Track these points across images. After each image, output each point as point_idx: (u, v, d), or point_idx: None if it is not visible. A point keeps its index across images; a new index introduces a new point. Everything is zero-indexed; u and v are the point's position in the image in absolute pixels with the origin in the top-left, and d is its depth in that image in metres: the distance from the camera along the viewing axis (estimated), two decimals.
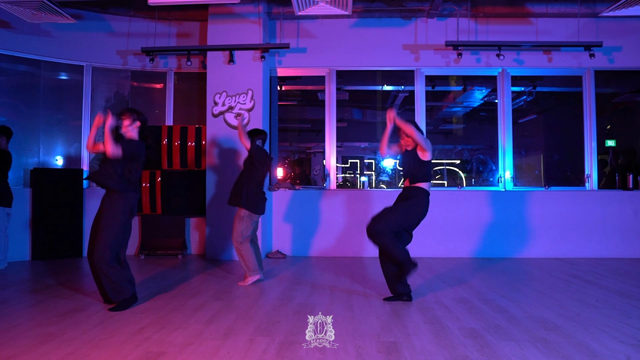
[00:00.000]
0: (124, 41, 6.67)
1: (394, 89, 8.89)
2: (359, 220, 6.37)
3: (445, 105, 10.01)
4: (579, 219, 6.41)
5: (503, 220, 6.41)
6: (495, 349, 2.91)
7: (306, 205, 6.51)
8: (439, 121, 11.41)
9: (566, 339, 3.10)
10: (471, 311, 3.79)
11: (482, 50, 6.51)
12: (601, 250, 6.38)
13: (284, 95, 9.88)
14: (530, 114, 10.26)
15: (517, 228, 6.40)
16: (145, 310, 3.77)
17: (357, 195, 6.59)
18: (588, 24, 6.49)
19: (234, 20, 6.28)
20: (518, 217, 6.42)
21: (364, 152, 13.72)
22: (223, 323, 3.45)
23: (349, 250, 6.44)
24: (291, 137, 12.63)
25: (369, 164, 13.98)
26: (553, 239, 6.40)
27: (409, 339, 3.10)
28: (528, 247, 6.33)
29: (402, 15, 6.56)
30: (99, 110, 6.73)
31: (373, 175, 13.88)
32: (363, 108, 11.18)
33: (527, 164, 10.96)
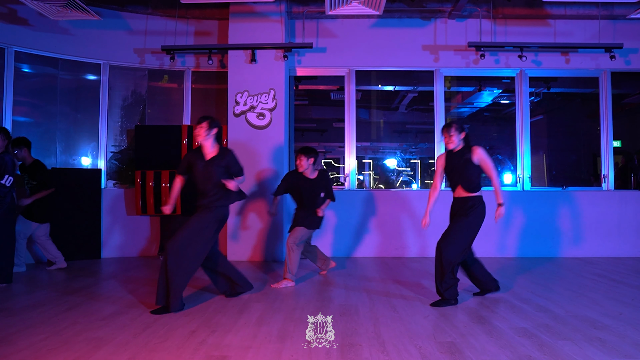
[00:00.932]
0: (142, 39, 6.58)
1: (404, 89, 8.90)
2: (384, 221, 6.39)
3: (454, 105, 10.06)
4: (596, 219, 6.49)
5: (522, 220, 6.46)
6: (553, 349, 2.92)
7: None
8: (444, 121, 11.47)
9: (620, 339, 3.13)
10: (514, 310, 3.81)
11: (500, 52, 6.56)
12: (618, 249, 6.47)
13: (296, 95, 9.86)
14: (537, 115, 10.36)
15: (536, 228, 6.45)
16: (189, 313, 3.72)
17: (369, 196, 6.59)
18: (606, 25, 6.56)
19: (256, 19, 6.24)
20: (536, 217, 6.47)
21: (365, 151, 13.75)
22: (272, 325, 3.41)
23: (369, 250, 6.44)
24: (295, 137, 12.60)
25: (367, 164, 14.01)
26: (571, 239, 6.47)
27: (465, 339, 3.10)
28: (548, 247, 6.38)
29: (422, 16, 6.58)
30: (116, 110, 6.65)
31: (371, 175, 13.92)
32: (370, 108, 11.19)
33: (536, 164, 11.05)
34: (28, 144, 5.35)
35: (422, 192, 6.74)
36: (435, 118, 6.70)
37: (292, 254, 4.69)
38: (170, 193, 4.02)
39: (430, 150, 13.55)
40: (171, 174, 6.27)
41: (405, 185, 10.88)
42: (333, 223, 6.47)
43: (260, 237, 6.19)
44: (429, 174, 13.43)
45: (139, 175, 6.25)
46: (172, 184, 4.12)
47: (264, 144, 6.16)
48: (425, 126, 12.03)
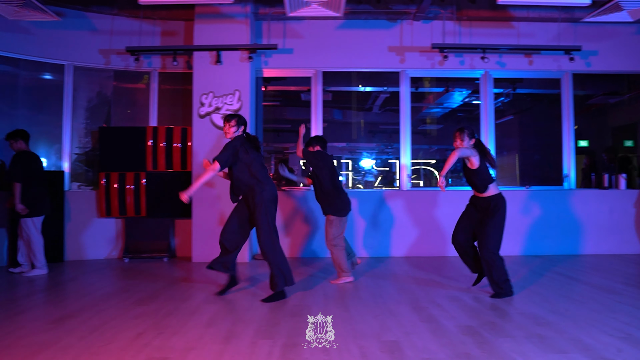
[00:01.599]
0: (107, 40, 6.53)
1: (376, 90, 8.96)
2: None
3: (425, 106, 10.17)
4: (558, 218, 6.60)
5: None
6: (494, 346, 2.99)
7: (294, 205, 6.51)
8: (417, 122, 11.57)
9: (559, 334, 3.21)
10: (465, 309, 3.87)
11: (465, 53, 6.64)
12: (579, 247, 6.60)
13: (267, 96, 9.86)
14: (507, 115, 10.51)
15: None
16: (139, 316, 3.71)
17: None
18: (567, 28, 6.69)
19: (221, 20, 6.23)
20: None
21: (342, 152, 13.81)
22: (221, 326, 3.43)
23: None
24: (268, 137, 12.60)
25: (345, 164, 14.08)
26: (533, 237, 6.58)
27: (409, 338, 3.15)
28: (509, 245, 6.44)
29: (388, 18, 6.63)
30: (81, 111, 6.59)
31: (350, 175, 13.98)
32: (343, 109, 11.25)
33: (506, 164, 11.22)
34: (26, 137, 5.31)
35: (396, 192, 6.80)
36: (401, 119, 6.77)
37: (334, 253, 4.81)
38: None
39: (412, 152, 13.72)
40: (136, 176, 6.24)
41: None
42: (299, 224, 6.50)
43: None
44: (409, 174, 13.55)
45: (103, 177, 6.20)
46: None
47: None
48: (398, 127, 12.15)
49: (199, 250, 6.16)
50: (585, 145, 10.29)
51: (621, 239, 6.64)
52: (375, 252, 6.52)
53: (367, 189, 9.37)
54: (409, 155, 6.73)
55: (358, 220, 6.52)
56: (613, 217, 6.65)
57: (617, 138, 9.84)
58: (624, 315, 3.65)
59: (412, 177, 13.46)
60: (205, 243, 6.14)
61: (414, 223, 6.56)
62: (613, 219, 6.65)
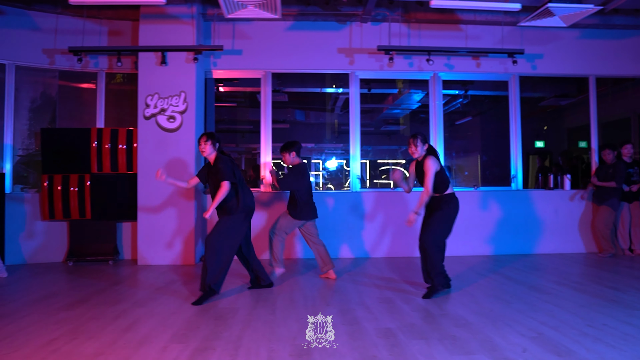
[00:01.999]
0: (52, 39, 6.41)
1: (334, 91, 8.99)
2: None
3: (385, 107, 10.23)
4: (505, 218, 6.72)
5: None
6: (405, 348, 3.02)
7: None
8: (380, 122, 11.64)
9: (473, 335, 3.26)
10: (391, 311, 3.90)
11: (414, 55, 6.70)
12: (525, 246, 6.72)
13: (226, 97, 9.80)
14: (467, 117, 10.66)
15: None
16: (61, 321, 3.66)
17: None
18: (513, 32, 6.80)
19: (167, 20, 6.17)
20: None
21: (311, 152, 13.83)
22: (140, 331, 3.39)
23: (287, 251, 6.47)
24: (236, 139, 12.55)
25: (315, 165, 14.10)
26: (482, 238, 6.68)
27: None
28: (459, 246, 6.55)
29: (337, 19, 6.66)
30: (24, 112, 6.45)
31: (320, 176, 14.02)
32: (306, 109, 11.25)
33: (459, 165, 11.37)
34: None
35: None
36: (350, 119, 6.79)
37: (274, 243, 5.05)
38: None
39: (375, 153, 13.81)
40: (80, 178, 6.14)
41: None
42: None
43: (175, 240, 6.12)
44: (377, 174, 13.65)
45: (46, 179, 6.09)
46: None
47: (175, 146, 6.11)
48: (362, 128, 12.21)
49: (143, 253, 6.09)
50: (542, 147, 10.51)
51: (566, 238, 6.79)
52: (335, 254, 6.54)
53: (337, 190, 9.39)
54: (358, 156, 6.75)
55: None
56: (558, 217, 6.80)
57: (572, 139, 10.06)
58: (543, 315, 3.73)
59: (382, 177, 13.58)
60: (149, 246, 6.08)
61: (374, 224, 6.60)
62: (558, 218, 6.80)
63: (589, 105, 7.11)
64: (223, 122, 11.53)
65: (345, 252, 6.56)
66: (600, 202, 6.52)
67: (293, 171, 5.02)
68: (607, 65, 7.01)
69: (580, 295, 4.37)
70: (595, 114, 7.10)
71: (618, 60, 7.02)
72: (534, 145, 10.43)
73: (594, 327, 3.42)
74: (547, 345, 3.05)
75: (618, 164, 6.39)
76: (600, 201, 6.52)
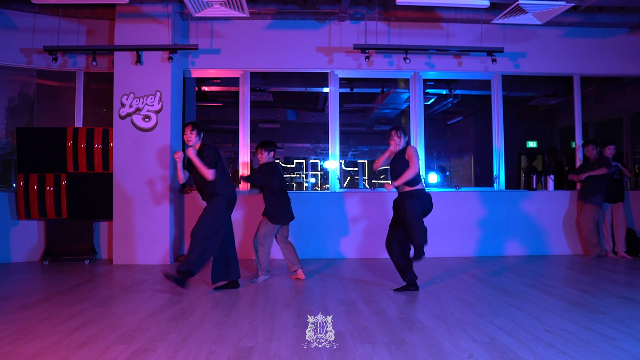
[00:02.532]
0: (29, 38, 6.41)
1: (318, 90, 8.92)
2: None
3: (375, 107, 10.16)
4: (486, 219, 6.62)
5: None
6: (347, 353, 2.95)
7: None
8: (372, 122, 11.57)
9: (423, 340, 3.18)
10: (349, 314, 3.84)
11: (394, 54, 6.63)
12: (507, 248, 6.62)
13: (214, 97, 9.79)
14: (458, 116, 10.56)
15: (429, 228, 6.52)
16: (13, 320, 3.63)
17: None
18: (496, 30, 6.71)
19: (142, 20, 6.15)
20: (429, 217, 6.54)
21: (307, 152, 13.79)
22: (88, 331, 3.35)
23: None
24: (230, 139, 12.54)
25: (313, 165, 14.07)
26: (463, 239, 6.59)
27: (269, 344, 3.11)
28: (437, 247, 6.46)
29: (316, 18, 6.60)
30: (1, 111, 6.46)
31: (318, 176, 13.99)
32: (297, 109, 11.20)
33: (450, 166, 11.27)
34: None
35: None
36: (330, 118, 6.73)
37: (259, 252, 5.05)
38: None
39: (373, 153, 13.74)
40: (56, 177, 6.13)
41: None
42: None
43: (150, 240, 6.09)
44: (375, 175, 13.61)
45: (22, 179, 6.09)
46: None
47: (150, 146, 6.08)
48: (353, 128, 12.17)
49: (119, 253, 6.08)
50: (534, 146, 10.38)
51: (549, 239, 6.68)
52: (316, 254, 6.50)
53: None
54: (337, 156, 6.69)
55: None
56: (541, 218, 6.69)
57: (564, 139, 9.92)
58: (503, 319, 3.64)
59: (381, 177, 13.53)
60: (124, 245, 6.07)
61: (354, 225, 6.53)
62: (541, 219, 6.69)
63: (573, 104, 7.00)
64: (214, 122, 11.54)
65: (322, 252, 6.50)
66: (585, 198, 6.38)
67: (264, 167, 4.98)
68: (592, 64, 6.89)
69: (548, 298, 4.28)
70: (580, 113, 6.98)
71: (603, 59, 6.90)
72: (526, 145, 10.31)
73: (551, 332, 3.33)
74: (495, 351, 2.97)
75: (602, 157, 6.32)
76: (585, 197, 6.38)
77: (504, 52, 6.50)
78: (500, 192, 6.75)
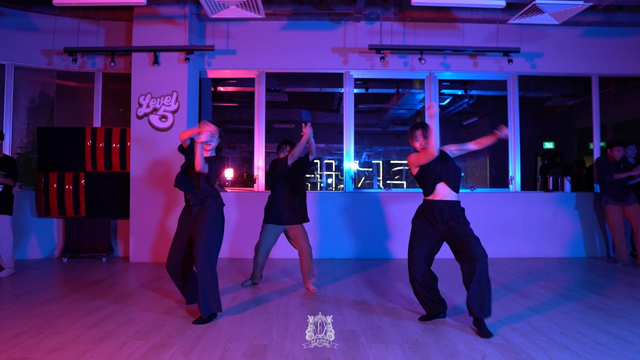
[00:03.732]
0: (49, 40, 6.54)
1: (333, 90, 8.94)
2: None
3: (390, 107, 10.14)
4: (502, 220, 6.57)
5: None
6: (360, 352, 2.96)
7: (235, 207, 6.50)
8: (387, 123, 11.55)
9: (436, 340, 3.18)
10: (363, 313, 3.85)
11: (410, 54, 6.61)
12: (522, 250, 6.56)
13: (230, 97, 9.87)
14: (473, 117, 10.48)
15: None
16: (34, 316, 3.72)
17: None
18: (511, 30, 6.65)
19: (159, 21, 6.23)
20: None
21: (322, 152, 13.81)
22: (106, 327, 3.42)
23: (275, 252, 6.45)
24: (245, 139, 12.63)
25: (328, 165, 14.09)
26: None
27: (283, 342, 3.14)
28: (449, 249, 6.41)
29: (331, 19, 6.61)
30: (22, 111, 6.60)
31: (333, 176, 14.00)
32: (312, 109, 11.24)
33: (465, 167, 11.18)
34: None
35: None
36: (345, 119, 6.73)
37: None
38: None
39: (387, 153, 13.71)
40: (75, 176, 6.25)
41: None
42: (240, 224, 6.49)
43: (166, 238, 6.17)
44: (390, 175, 13.58)
45: (42, 177, 6.22)
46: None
47: (167, 145, 6.16)
48: (368, 128, 12.16)
49: (136, 251, 6.17)
50: (551, 147, 10.25)
51: (566, 242, 6.60)
52: (329, 254, 6.51)
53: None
54: (352, 156, 6.69)
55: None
56: (557, 220, 6.61)
57: (582, 141, 9.78)
58: (518, 320, 3.63)
59: (396, 177, 13.47)
60: (141, 243, 6.15)
61: (369, 226, 6.54)
62: (557, 222, 6.61)
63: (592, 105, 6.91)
64: (230, 123, 11.62)
65: (335, 252, 6.51)
66: (625, 200, 6.02)
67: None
68: (611, 65, 6.79)
69: (564, 301, 4.24)
70: (598, 114, 6.88)
71: (623, 59, 6.79)
72: (543, 146, 10.19)
73: (567, 334, 3.31)
74: (510, 352, 2.96)
75: (625, 159, 6.14)
76: (625, 199, 6.02)
77: (520, 52, 6.45)
78: (516, 193, 6.69)
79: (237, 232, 6.44)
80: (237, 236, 6.44)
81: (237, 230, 6.44)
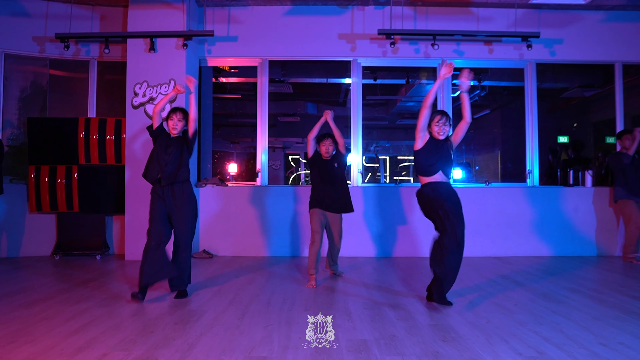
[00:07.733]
0: (42, 26, 6.20)
1: (339, 81, 8.54)
2: (288, 217, 6.06)
3: (399, 99, 9.74)
4: (519, 216, 6.18)
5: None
6: None
7: (236, 202, 6.15)
8: (395, 116, 11.14)
9: (460, 352, 2.81)
10: (374, 319, 3.48)
11: (421, 41, 6.23)
12: (540, 248, 6.17)
13: (231, 89, 9.50)
14: (484, 110, 10.06)
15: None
16: (12, 320, 3.39)
17: (286, 192, 6.24)
18: (530, 15, 6.25)
19: (156, 5, 5.87)
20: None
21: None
22: (87, 334, 3.07)
23: (280, 249, 6.10)
24: (249, 133, 12.24)
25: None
26: (493, 237, 6.16)
27: (285, 353, 2.78)
28: (468, 246, 5.98)
29: (338, 3, 6.23)
30: (13, 101, 6.27)
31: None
32: (318, 102, 10.83)
33: (477, 160, 10.78)
34: None
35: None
36: (352, 111, 6.36)
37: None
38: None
39: (396, 148, 13.30)
40: (67, 169, 5.91)
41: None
42: (245, 220, 6.14)
43: None
44: (398, 171, 13.18)
45: (33, 171, 5.89)
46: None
47: None
48: (375, 122, 11.75)
49: (131, 248, 5.83)
50: (565, 142, 9.81)
51: (587, 240, 6.21)
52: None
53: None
54: (360, 150, 6.32)
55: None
56: (578, 216, 6.21)
57: (598, 134, 9.34)
58: (549, 329, 3.24)
59: (402, 174, 13.08)
60: (137, 241, 5.80)
61: (378, 221, 6.18)
62: (578, 218, 6.21)
63: (614, 95, 6.49)
64: (233, 116, 11.24)
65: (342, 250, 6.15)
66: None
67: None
68: (637, 51, 6.37)
69: (595, 305, 3.85)
70: (622, 104, 6.47)
71: None
72: (557, 140, 9.76)
73: (608, 345, 2.92)
74: None
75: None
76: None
77: (539, 38, 6.04)
78: (533, 187, 6.30)
79: (237, 230, 6.09)
80: (241, 233, 6.09)
81: (237, 228, 6.10)
